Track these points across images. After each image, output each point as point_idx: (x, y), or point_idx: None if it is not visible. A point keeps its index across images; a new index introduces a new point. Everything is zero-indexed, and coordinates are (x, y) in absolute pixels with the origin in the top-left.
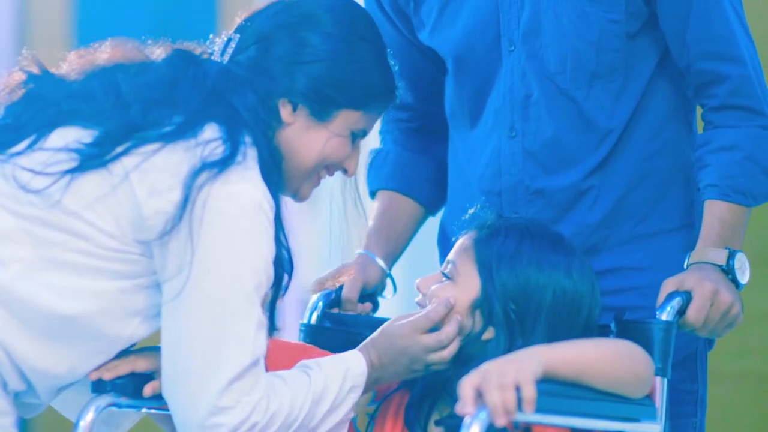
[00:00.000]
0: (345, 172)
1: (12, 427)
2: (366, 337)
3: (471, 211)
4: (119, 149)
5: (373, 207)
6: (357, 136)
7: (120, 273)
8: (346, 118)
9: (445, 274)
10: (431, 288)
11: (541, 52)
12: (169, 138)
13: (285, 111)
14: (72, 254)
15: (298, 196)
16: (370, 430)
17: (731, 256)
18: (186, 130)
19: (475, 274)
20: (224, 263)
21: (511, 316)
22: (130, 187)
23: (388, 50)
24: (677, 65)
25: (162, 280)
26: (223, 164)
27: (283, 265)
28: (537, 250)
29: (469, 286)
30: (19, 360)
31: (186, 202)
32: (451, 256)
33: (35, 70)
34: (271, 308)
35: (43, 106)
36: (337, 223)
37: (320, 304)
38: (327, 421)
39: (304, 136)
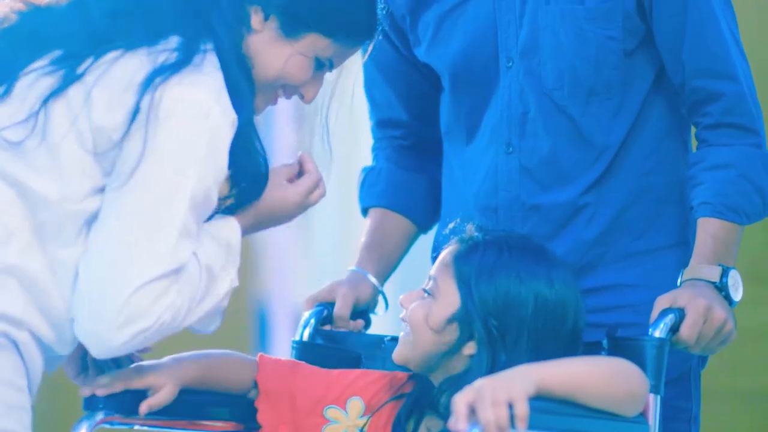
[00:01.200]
0: (302, 98)
1: (30, 426)
2: (359, 354)
3: (451, 225)
4: (87, 62)
5: (365, 224)
6: (322, 64)
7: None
8: (314, 42)
9: (426, 291)
10: (410, 306)
11: (539, 69)
12: (130, 45)
13: (256, 18)
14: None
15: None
16: None
17: (725, 273)
18: (148, 38)
19: (454, 289)
20: (164, 166)
21: (493, 332)
22: (89, 109)
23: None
24: (672, 83)
25: (110, 179)
26: (175, 68)
27: (256, 175)
28: (517, 262)
29: (448, 302)
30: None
31: (138, 105)
32: (432, 271)
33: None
34: (238, 206)
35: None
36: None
37: (312, 321)
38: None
39: (268, 48)
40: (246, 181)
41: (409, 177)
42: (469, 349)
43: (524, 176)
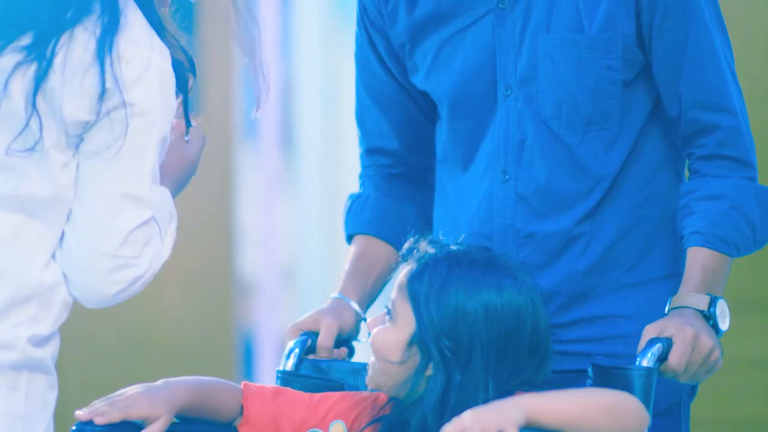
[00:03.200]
0: None
1: (54, 401)
2: (342, 383)
3: (407, 244)
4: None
5: (349, 251)
6: None
7: None
8: None
9: (388, 313)
10: (373, 332)
11: (537, 97)
12: (70, 23)
13: None
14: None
15: None
16: None
17: (713, 302)
18: (81, 10)
19: (410, 311)
20: (132, 126)
21: (446, 353)
22: (62, 102)
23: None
24: (668, 114)
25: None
26: (110, 33)
27: (183, 67)
28: (465, 276)
29: (406, 324)
30: None
31: (103, 86)
32: (392, 293)
33: None
34: (186, 115)
35: None
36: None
37: (297, 350)
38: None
39: None
40: (182, 89)
41: (397, 205)
42: (429, 370)
43: (520, 204)
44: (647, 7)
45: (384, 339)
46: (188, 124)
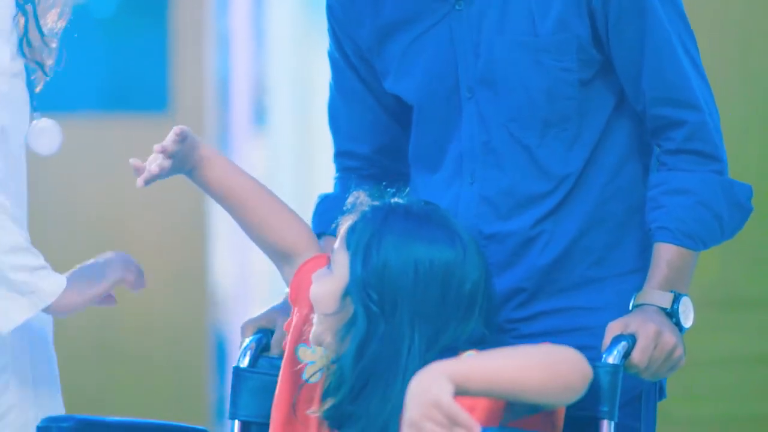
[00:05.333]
0: None
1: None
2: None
3: (351, 198)
4: None
5: None
6: None
7: None
8: None
9: (329, 266)
10: (311, 288)
11: (496, 99)
12: None
13: None
14: None
15: None
16: None
17: (676, 299)
18: None
19: (346, 262)
20: None
21: (371, 306)
22: None
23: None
24: (634, 109)
25: None
26: None
27: None
28: (398, 229)
29: (342, 275)
30: None
31: None
32: (335, 244)
33: None
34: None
35: None
36: None
37: (252, 347)
38: None
39: None
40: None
41: None
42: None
43: (483, 206)
44: (600, 9)
45: (320, 290)
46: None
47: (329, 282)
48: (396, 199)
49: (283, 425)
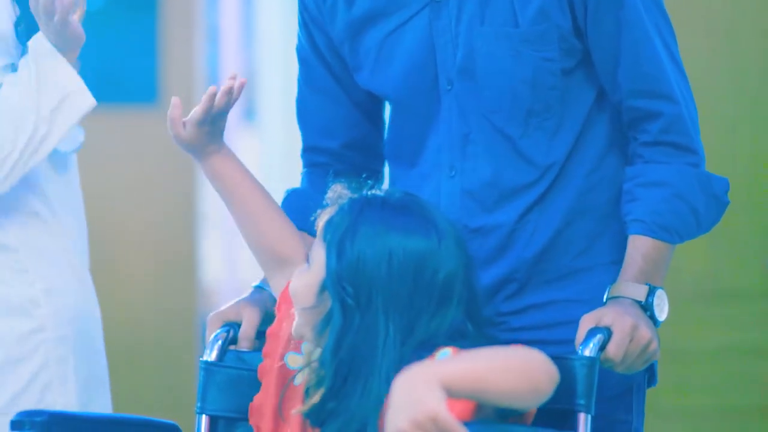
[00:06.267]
0: None
1: None
2: None
3: (330, 193)
4: None
5: None
6: None
7: None
8: None
9: (308, 262)
10: (291, 283)
11: (477, 91)
12: None
13: None
14: None
15: None
16: None
17: (651, 292)
18: None
19: (323, 256)
20: None
21: (346, 299)
22: None
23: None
24: (611, 100)
25: None
26: None
27: None
28: (374, 220)
29: (319, 268)
30: None
31: None
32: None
33: None
34: None
35: None
36: None
37: (220, 341)
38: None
39: None
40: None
41: None
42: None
43: (466, 199)
44: None
45: (298, 284)
46: None
47: (306, 276)
48: (374, 191)
49: (271, 428)
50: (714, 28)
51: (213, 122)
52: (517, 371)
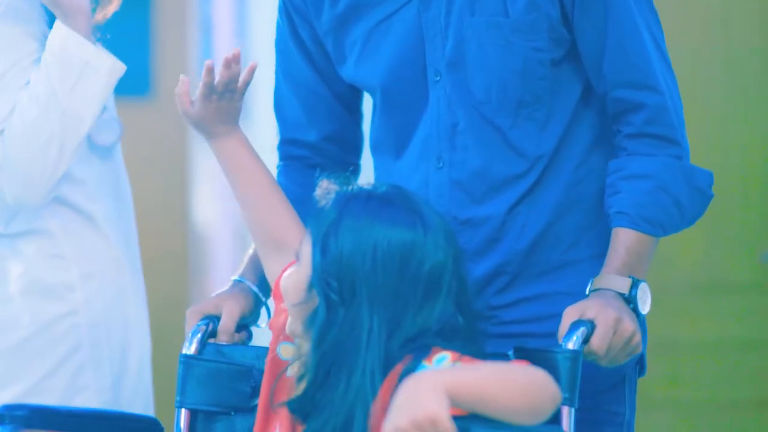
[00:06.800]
0: None
1: None
2: (251, 366)
3: (319, 190)
4: None
5: None
6: None
7: None
8: None
9: (298, 258)
10: (281, 280)
11: (466, 82)
12: None
13: None
14: None
15: None
16: None
17: (634, 285)
18: None
19: (310, 251)
20: None
21: (331, 295)
22: None
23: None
24: (596, 92)
25: None
26: None
27: None
28: (359, 213)
29: (307, 265)
30: None
31: None
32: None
33: None
34: None
35: None
36: None
37: (199, 334)
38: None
39: None
40: None
41: (308, 197)
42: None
43: (455, 190)
44: None
45: (288, 281)
46: None
47: (296, 273)
48: (360, 184)
49: (263, 418)
50: (708, 20)
51: (221, 98)
52: (521, 391)
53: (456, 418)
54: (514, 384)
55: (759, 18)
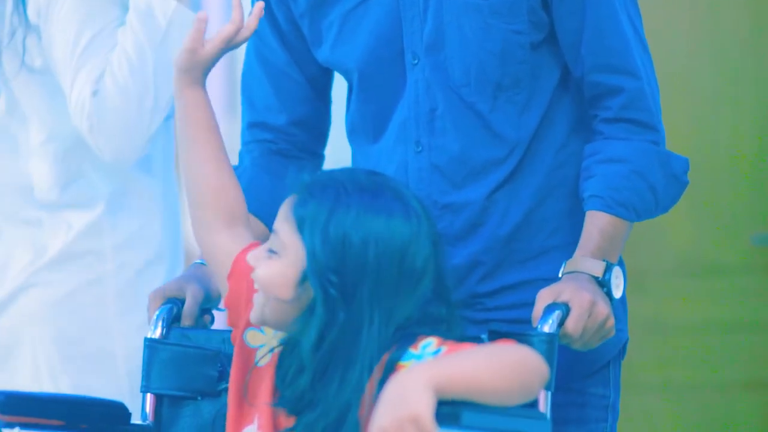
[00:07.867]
0: None
1: None
2: (217, 350)
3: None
4: None
5: None
6: None
7: None
8: None
9: (270, 250)
10: (258, 268)
11: (445, 65)
12: None
13: None
14: None
15: None
16: None
17: (608, 269)
18: None
19: (299, 243)
20: None
21: (331, 291)
22: None
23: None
24: (574, 76)
25: None
26: None
27: None
28: (354, 204)
29: (296, 258)
30: None
31: None
32: (276, 225)
33: None
34: None
35: None
36: None
37: (163, 318)
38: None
39: None
40: None
41: (273, 182)
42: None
43: (435, 175)
44: None
45: (271, 274)
46: None
47: (281, 266)
48: (341, 173)
49: (236, 409)
50: (695, 4)
51: (228, 48)
52: (511, 371)
53: (446, 403)
54: (503, 368)
55: (747, 1)
